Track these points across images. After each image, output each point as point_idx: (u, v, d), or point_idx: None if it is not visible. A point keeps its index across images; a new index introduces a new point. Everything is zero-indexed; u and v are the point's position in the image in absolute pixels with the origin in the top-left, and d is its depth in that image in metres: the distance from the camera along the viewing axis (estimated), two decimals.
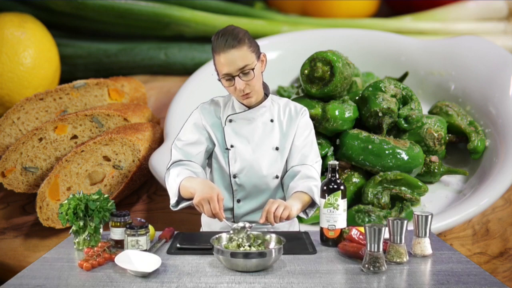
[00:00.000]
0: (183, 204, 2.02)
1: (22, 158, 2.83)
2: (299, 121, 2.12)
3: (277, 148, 2.09)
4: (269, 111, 2.11)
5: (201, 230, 2.23)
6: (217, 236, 1.81)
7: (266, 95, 2.11)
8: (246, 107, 2.08)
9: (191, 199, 1.94)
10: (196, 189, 1.89)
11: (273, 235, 1.82)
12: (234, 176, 2.07)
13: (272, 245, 1.80)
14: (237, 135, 2.08)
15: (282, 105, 2.14)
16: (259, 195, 2.08)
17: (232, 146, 2.07)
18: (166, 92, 3.53)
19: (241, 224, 1.81)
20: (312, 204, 2.04)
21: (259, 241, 1.83)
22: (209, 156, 2.13)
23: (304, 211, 2.05)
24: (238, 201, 2.09)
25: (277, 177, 2.07)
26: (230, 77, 1.97)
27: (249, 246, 1.79)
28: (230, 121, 2.08)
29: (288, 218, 1.89)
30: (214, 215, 1.85)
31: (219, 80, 2.02)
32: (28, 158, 2.84)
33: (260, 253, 1.69)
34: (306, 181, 2.03)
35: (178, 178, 1.97)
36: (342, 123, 2.72)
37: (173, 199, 2.01)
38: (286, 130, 2.11)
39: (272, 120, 2.10)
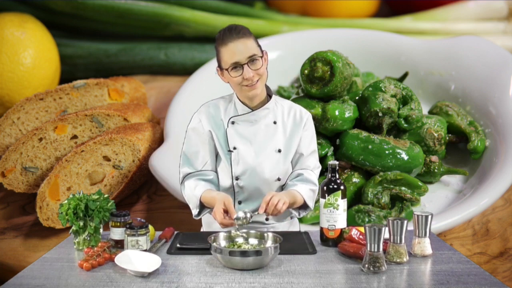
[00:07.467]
0: (205, 213, 2.11)
1: (22, 158, 2.83)
2: (305, 128, 2.11)
3: (279, 151, 2.07)
4: (272, 113, 2.09)
5: (201, 230, 2.23)
6: (215, 234, 1.83)
7: (269, 96, 2.09)
8: (249, 108, 2.07)
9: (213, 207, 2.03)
10: (215, 199, 1.98)
11: (270, 234, 1.84)
12: (237, 178, 2.06)
13: (269, 243, 1.82)
14: (240, 137, 2.06)
15: (286, 107, 2.12)
16: (260, 196, 2.06)
17: (234, 148, 2.05)
18: (166, 92, 3.53)
19: (241, 214, 1.86)
20: (304, 206, 2.07)
21: (257, 240, 1.84)
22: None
23: (297, 211, 2.09)
24: (240, 202, 2.08)
25: (279, 179, 2.06)
26: (238, 66, 1.98)
27: (246, 244, 1.82)
28: (233, 123, 2.07)
29: (280, 212, 1.93)
30: (225, 225, 1.92)
31: (226, 70, 1.99)
32: (28, 158, 2.84)
33: (257, 251, 1.70)
34: (304, 183, 2.05)
35: (197, 191, 2.05)
36: (342, 123, 2.72)
37: (194, 210, 2.08)
38: (290, 133, 2.09)
39: (275, 122, 2.09)
